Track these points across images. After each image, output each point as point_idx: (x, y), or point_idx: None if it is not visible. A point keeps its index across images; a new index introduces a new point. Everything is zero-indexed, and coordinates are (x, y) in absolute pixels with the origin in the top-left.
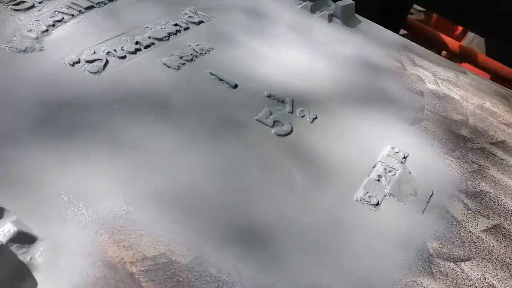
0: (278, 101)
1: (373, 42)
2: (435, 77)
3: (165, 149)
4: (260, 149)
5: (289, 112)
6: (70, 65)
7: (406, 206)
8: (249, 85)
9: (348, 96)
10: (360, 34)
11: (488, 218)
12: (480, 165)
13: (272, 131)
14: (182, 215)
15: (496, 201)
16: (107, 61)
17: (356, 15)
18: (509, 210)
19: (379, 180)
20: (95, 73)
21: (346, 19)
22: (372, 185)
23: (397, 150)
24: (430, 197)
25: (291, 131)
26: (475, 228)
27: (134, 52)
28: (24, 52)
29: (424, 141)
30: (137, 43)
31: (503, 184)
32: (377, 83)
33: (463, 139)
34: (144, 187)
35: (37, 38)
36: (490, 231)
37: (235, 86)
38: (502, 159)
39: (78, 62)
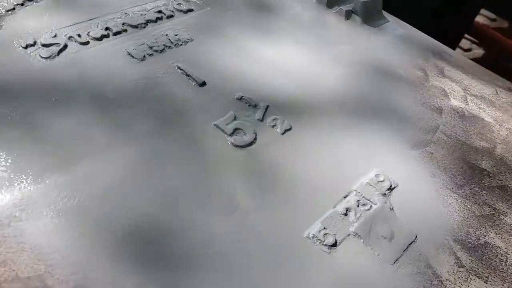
0: (250, 105)
1: (396, 46)
2: (465, 92)
3: (91, 148)
4: (206, 159)
5: (258, 119)
6: (23, 47)
7: (373, 252)
8: (220, 85)
9: (342, 107)
10: (382, 35)
11: (486, 282)
12: (495, 208)
13: (229, 140)
14: (85, 230)
15: (505, 260)
16: (65, 46)
17: (385, 13)
18: None
19: (345, 215)
20: (46, 58)
21: (368, 16)
22: (334, 220)
23: (381, 179)
24: (410, 244)
25: (252, 143)
26: None
27: (100, 39)
28: None
29: (425, 171)
30: (107, 29)
31: None
32: (385, 94)
33: (480, 173)
34: (50, 192)
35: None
36: None
37: (203, 83)
38: None
39: (33, 45)
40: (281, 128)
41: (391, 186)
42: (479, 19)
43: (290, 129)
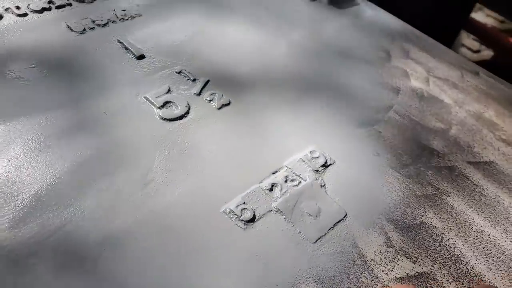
0: (188, 79)
1: (362, 28)
2: (428, 74)
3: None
4: (126, 131)
5: (195, 93)
6: None
7: (294, 230)
8: (160, 58)
9: (288, 86)
10: (347, 17)
11: (414, 263)
12: (438, 188)
13: (157, 112)
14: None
15: (439, 241)
16: (0, 17)
17: None
18: (453, 256)
19: (270, 190)
20: None
21: None
22: (256, 195)
23: (316, 155)
24: (338, 222)
25: (182, 116)
26: (387, 274)
27: (40, 11)
28: None
29: (368, 149)
30: (50, 2)
31: (461, 218)
32: (338, 74)
33: (429, 153)
34: None
35: None
36: (410, 281)
37: (141, 56)
38: (476, 185)
39: None
40: (218, 103)
41: (326, 162)
42: (487, 20)
43: (228, 104)
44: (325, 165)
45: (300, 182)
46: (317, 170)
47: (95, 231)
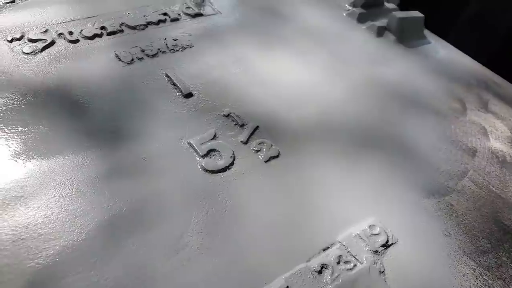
0: (236, 124)
1: (433, 70)
2: (511, 132)
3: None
4: (165, 182)
5: (241, 141)
6: (8, 41)
7: None
8: (208, 98)
9: (346, 137)
10: (417, 57)
11: None
12: None
13: (200, 162)
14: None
15: None
16: (52, 43)
17: (428, 32)
18: None
19: (320, 273)
20: (28, 53)
21: (404, 35)
22: (302, 278)
23: (377, 231)
24: None
25: (226, 168)
26: None
27: (91, 38)
28: None
29: (438, 227)
30: (102, 28)
31: None
32: (404, 126)
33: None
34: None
35: None
36: None
37: (188, 95)
38: None
39: (19, 39)
40: (266, 154)
41: (387, 242)
42: None
43: (277, 156)
44: (386, 245)
45: (355, 265)
46: (377, 251)
47: None
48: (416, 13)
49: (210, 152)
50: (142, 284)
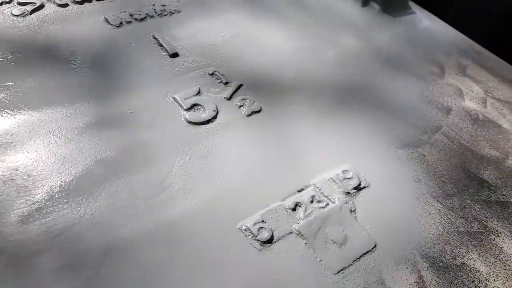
0: (221, 82)
1: (415, 38)
2: (486, 94)
3: (43, 108)
4: (150, 131)
5: (225, 97)
6: None
7: (315, 257)
8: (194, 58)
9: (326, 95)
10: (401, 26)
11: None
12: (486, 226)
13: (184, 115)
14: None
15: (483, 286)
16: (41, 6)
17: (413, 4)
18: None
19: (294, 210)
20: (17, 15)
21: (388, 5)
22: (277, 214)
23: (349, 175)
24: (365, 253)
25: (209, 121)
26: None
27: (81, 2)
28: None
29: (409, 173)
30: None
31: (511, 264)
32: (384, 87)
33: (478, 184)
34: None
35: None
36: None
37: (174, 54)
38: None
39: (8, 2)
40: (248, 109)
41: (359, 184)
42: None
43: (259, 111)
44: (358, 188)
45: (327, 204)
46: (349, 193)
47: (101, 236)
48: None
49: (194, 106)
50: (126, 219)
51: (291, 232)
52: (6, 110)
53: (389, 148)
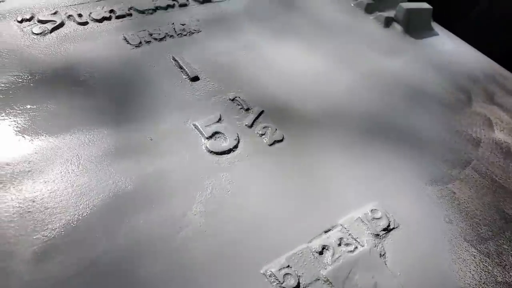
0: (242, 108)
1: (439, 62)
2: None
3: (63, 129)
4: (170, 162)
5: (246, 125)
6: (18, 21)
7: None
8: (215, 82)
9: (350, 123)
10: (424, 48)
11: None
12: None
13: (204, 144)
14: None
15: None
16: (61, 24)
17: (436, 25)
18: None
19: (321, 253)
20: (37, 34)
21: (411, 26)
22: (303, 258)
23: (378, 215)
24: None
25: (230, 150)
26: None
27: (100, 21)
28: None
29: (440, 213)
30: (111, 11)
31: None
32: (409, 115)
33: None
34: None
35: None
36: None
37: (195, 78)
38: None
39: (29, 20)
40: (270, 138)
41: (389, 226)
42: None
43: (281, 140)
44: (388, 229)
45: (356, 247)
46: (378, 235)
47: (119, 278)
48: (424, 5)
49: (215, 134)
50: (144, 259)
51: (319, 279)
52: (25, 136)
53: (418, 183)
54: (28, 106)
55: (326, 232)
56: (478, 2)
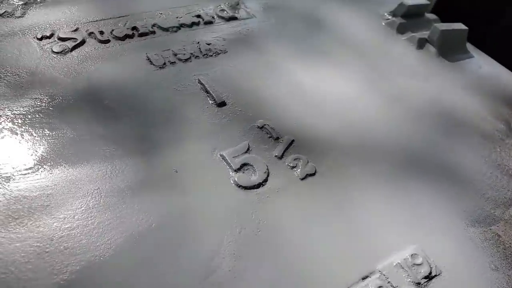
0: (271, 137)
1: (476, 87)
2: None
3: (78, 158)
4: (196, 197)
5: (276, 156)
6: (38, 38)
7: None
8: (242, 108)
9: (386, 157)
10: (460, 72)
11: None
12: None
13: (232, 177)
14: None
15: None
16: (82, 42)
17: (470, 46)
18: None
19: None
20: (57, 53)
21: (445, 48)
22: None
23: (419, 261)
24: None
25: (259, 185)
26: None
27: (122, 39)
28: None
29: (484, 259)
30: (133, 28)
31: None
32: (447, 148)
33: None
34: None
35: (25, 4)
36: None
37: (222, 104)
38: None
39: (49, 37)
40: (302, 171)
41: (430, 273)
42: None
43: (313, 174)
44: (429, 277)
45: None
46: (419, 283)
47: None
48: (459, 25)
49: (243, 166)
50: None
51: None
52: (44, 166)
53: (459, 224)
54: (47, 132)
55: (363, 279)
56: (504, 15)
